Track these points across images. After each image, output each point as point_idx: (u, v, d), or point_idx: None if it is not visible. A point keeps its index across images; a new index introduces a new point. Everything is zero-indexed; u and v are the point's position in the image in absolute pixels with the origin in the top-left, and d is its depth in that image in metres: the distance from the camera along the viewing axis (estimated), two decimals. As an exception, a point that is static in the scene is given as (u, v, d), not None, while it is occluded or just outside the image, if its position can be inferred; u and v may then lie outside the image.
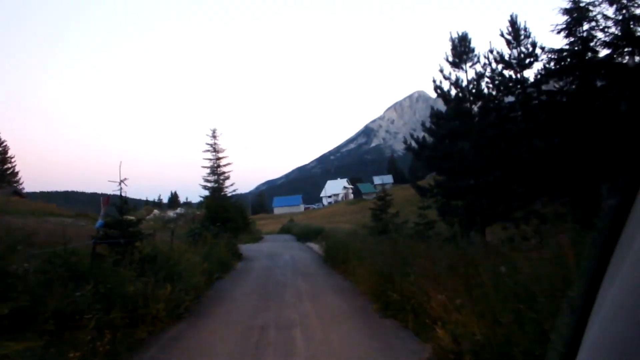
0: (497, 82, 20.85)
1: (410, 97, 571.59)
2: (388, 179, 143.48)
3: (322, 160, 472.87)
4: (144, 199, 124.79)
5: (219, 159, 45.01)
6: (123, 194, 10.53)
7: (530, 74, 21.44)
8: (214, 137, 45.06)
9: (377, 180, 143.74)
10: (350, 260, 14.28)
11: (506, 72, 20.64)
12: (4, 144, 73.87)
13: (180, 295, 9.08)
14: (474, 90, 21.29)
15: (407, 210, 25.03)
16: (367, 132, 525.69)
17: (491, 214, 19.86)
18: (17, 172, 74.59)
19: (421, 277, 7.57)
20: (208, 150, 45.58)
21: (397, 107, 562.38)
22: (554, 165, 17.95)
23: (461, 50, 21.39)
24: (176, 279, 9.80)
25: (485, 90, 21.01)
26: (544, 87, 20.19)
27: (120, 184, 10.18)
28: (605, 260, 1.20)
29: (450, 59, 21.68)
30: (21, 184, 74.47)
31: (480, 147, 20.01)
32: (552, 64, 19.52)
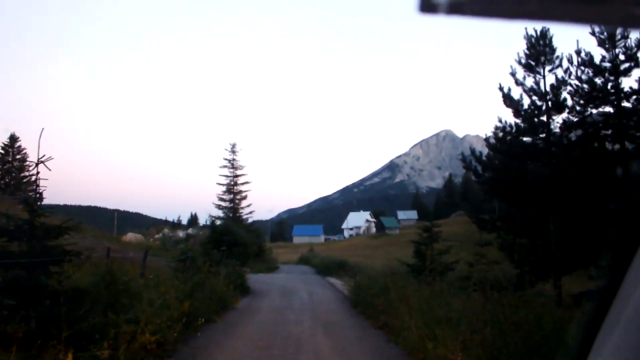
0: (583, 91, 16.52)
1: (437, 135, 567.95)
2: (412, 214, 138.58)
3: (345, 192, 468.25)
4: (164, 218, 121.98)
5: (236, 176, 41.29)
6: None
7: (628, 83, 17.04)
8: (233, 152, 41.50)
9: (402, 215, 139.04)
10: (396, 310, 9.86)
11: (596, 80, 16.33)
12: (24, 151, 71.67)
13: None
14: (550, 101, 16.97)
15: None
16: (392, 167, 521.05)
17: (574, 257, 15.28)
18: (33, 181, 71.99)
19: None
20: (225, 167, 41.93)
21: (423, 144, 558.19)
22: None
23: (539, 49, 17.10)
24: (113, 336, 5.49)
25: (569, 101, 16.66)
26: (646, 100, 15.84)
27: (37, 165, 6.01)
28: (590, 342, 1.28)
29: (524, 60, 17.40)
30: (37, 194, 71.74)
31: (562, 170, 15.57)
32: (660, 70, 15.26)
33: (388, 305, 10.85)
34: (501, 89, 17.48)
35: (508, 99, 17.32)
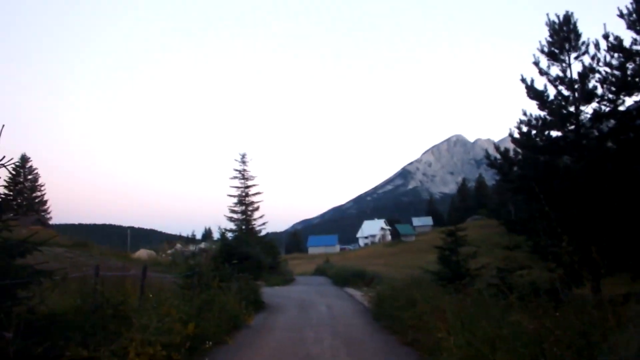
0: (615, 77, 15.34)
1: (448, 140, 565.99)
2: (427, 220, 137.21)
3: (359, 200, 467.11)
4: (178, 234, 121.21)
5: (247, 187, 40.38)
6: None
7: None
8: (244, 162, 40.60)
9: (416, 221, 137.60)
10: (426, 324, 8.75)
11: (628, 65, 15.15)
12: (35, 171, 71.76)
13: None
14: (578, 90, 15.78)
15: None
16: (404, 174, 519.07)
17: (615, 258, 14.04)
18: (45, 201, 72.08)
19: None
20: (236, 177, 41.00)
21: (435, 150, 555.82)
22: None
23: (563, 36, 15.95)
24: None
25: (599, 90, 15.47)
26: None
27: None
28: None
29: (547, 48, 16.26)
30: (49, 213, 71.89)
31: (595, 164, 14.37)
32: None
33: (417, 318, 9.72)
34: (524, 80, 16.38)
35: (532, 91, 16.19)
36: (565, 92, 15.66)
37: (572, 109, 15.64)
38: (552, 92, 15.92)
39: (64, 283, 6.72)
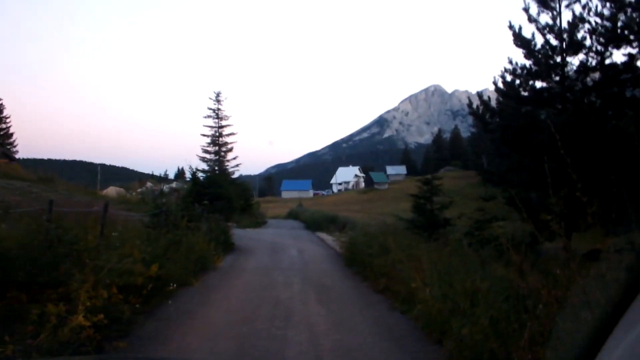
0: (605, 29, 14.90)
1: (426, 90, 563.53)
2: (401, 169, 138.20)
3: (334, 147, 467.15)
4: (151, 172, 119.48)
5: (221, 127, 39.39)
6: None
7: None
8: (218, 101, 39.39)
9: (390, 170, 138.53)
10: (399, 272, 8.49)
11: (619, 16, 14.69)
12: (0, 102, 68.70)
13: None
14: (566, 40, 15.30)
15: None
16: (381, 122, 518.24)
17: (591, 213, 14.01)
18: (11, 134, 69.48)
19: None
20: (209, 117, 39.91)
21: (412, 99, 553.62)
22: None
23: (555, -19, 15.32)
24: (35, 320, 3.98)
25: (587, 41, 15.03)
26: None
27: None
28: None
29: (538, -6, 15.64)
30: (15, 146, 69.39)
31: (578, 117, 14.09)
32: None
33: (390, 266, 9.46)
34: (511, 27, 15.77)
35: (519, 38, 15.64)
36: (553, 42, 15.18)
37: (558, 59, 15.20)
38: (539, 40, 15.43)
39: (11, 218, 6.19)
